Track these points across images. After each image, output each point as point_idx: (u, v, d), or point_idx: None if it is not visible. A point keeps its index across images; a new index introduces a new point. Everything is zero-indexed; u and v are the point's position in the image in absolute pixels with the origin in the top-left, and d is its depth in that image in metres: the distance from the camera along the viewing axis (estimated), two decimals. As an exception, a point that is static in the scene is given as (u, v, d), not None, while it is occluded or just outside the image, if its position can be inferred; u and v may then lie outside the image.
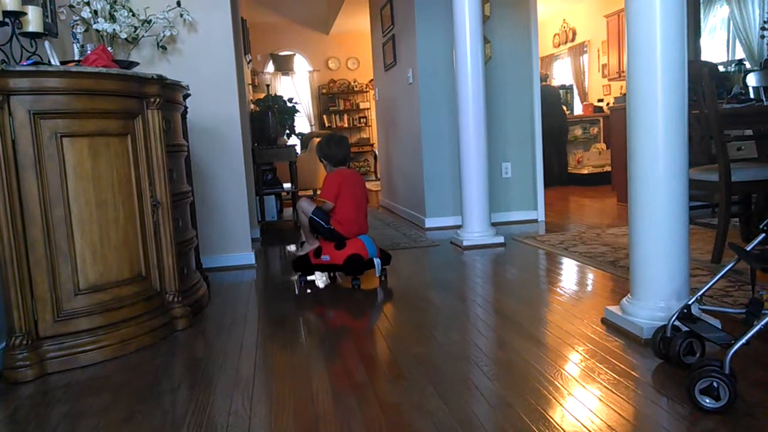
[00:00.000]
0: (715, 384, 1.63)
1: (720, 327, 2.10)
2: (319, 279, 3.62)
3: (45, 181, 2.26)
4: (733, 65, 6.01)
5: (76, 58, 3.04)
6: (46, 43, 2.78)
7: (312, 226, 3.40)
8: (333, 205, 3.37)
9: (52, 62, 2.74)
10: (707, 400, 1.65)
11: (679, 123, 2.18)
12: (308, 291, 3.40)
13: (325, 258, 3.35)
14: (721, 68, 5.94)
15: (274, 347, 2.45)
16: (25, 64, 2.35)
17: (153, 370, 2.24)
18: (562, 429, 1.61)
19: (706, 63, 3.27)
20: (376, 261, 3.34)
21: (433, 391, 1.90)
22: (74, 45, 3.12)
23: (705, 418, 1.63)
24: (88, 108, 2.35)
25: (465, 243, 4.24)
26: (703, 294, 2.03)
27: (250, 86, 7.61)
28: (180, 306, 2.72)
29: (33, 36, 2.64)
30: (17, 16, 2.49)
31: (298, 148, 7.09)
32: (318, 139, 5.43)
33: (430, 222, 5.23)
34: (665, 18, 2.12)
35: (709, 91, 3.13)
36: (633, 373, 1.96)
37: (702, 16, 6.63)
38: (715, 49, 6.78)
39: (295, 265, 3.48)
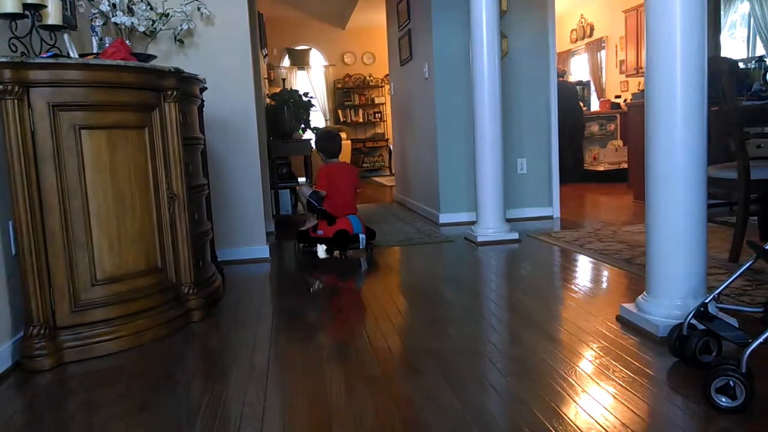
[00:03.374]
0: (731, 383, 1.61)
1: (737, 326, 2.08)
2: (320, 250, 4.36)
3: (63, 172, 2.28)
4: (753, 62, 5.93)
5: (95, 51, 3.06)
6: (65, 36, 2.80)
7: (308, 206, 4.27)
8: (326, 192, 4.21)
9: (71, 55, 2.77)
10: (723, 399, 1.63)
11: (698, 120, 2.15)
12: (308, 255, 4.25)
13: (320, 232, 4.19)
14: (741, 65, 5.87)
15: (288, 339, 2.46)
16: (44, 56, 2.38)
17: (168, 361, 2.26)
18: (576, 426, 1.61)
19: (726, 59, 3.24)
20: (361, 236, 4.13)
21: (446, 386, 1.90)
22: (93, 38, 3.14)
23: (720, 417, 1.61)
24: (107, 100, 2.37)
25: (479, 239, 4.23)
26: (720, 292, 2.01)
27: (266, 80, 7.63)
28: (195, 298, 2.74)
29: (52, 29, 2.66)
30: (37, 8, 2.51)
31: (313, 143, 7.10)
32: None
33: (444, 218, 5.22)
34: (685, 13, 2.10)
35: (728, 88, 3.09)
36: (648, 371, 1.95)
37: (722, 12, 6.55)
38: (735, 45, 6.70)
39: (298, 237, 4.36)
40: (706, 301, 1.98)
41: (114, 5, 3.24)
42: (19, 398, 2.00)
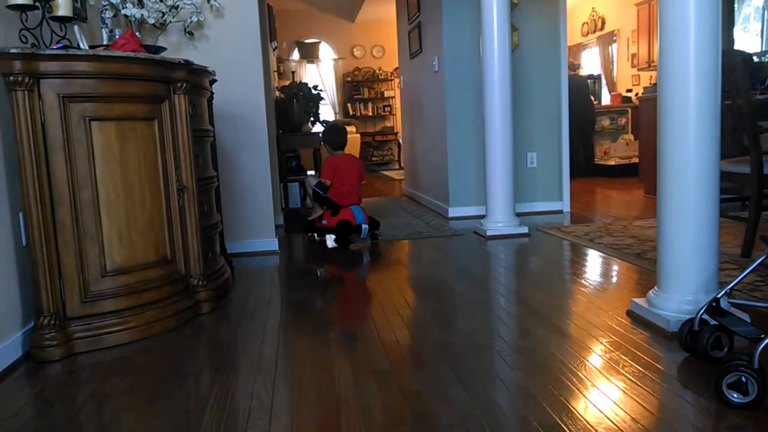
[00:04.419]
0: (743, 378, 1.60)
1: (749, 321, 2.06)
2: (329, 240, 4.44)
3: (73, 163, 2.28)
4: (767, 55, 5.88)
5: (105, 42, 3.06)
6: (76, 28, 2.81)
7: (314, 195, 4.43)
8: (330, 183, 4.36)
9: (81, 46, 2.77)
10: (735, 395, 1.62)
11: (711, 113, 2.13)
12: (314, 245, 4.40)
13: (324, 222, 4.35)
14: (754, 58, 5.81)
15: (297, 332, 2.46)
16: (54, 47, 2.37)
17: (177, 353, 2.27)
18: (585, 420, 1.60)
19: (740, 52, 3.20)
20: (364, 227, 4.26)
21: (455, 379, 1.90)
22: (103, 30, 3.14)
23: (732, 413, 1.60)
24: (116, 92, 2.37)
25: (488, 233, 4.22)
26: (732, 287, 1.99)
27: (276, 73, 7.61)
28: (204, 290, 2.74)
29: (62, 20, 2.66)
30: (47, 0, 2.52)
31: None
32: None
33: (453, 211, 5.21)
34: (699, 5, 2.07)
35: (742, 82, 3.06)
36: (658, 366, 1.94)
37: (736, 5, 6.49)
38: (748, 39, 6.63)
39: (305, 226, 4.58)
40: (718, 296, 1.96)
41: (124, -3, 3.24)
42: (29, 388, 2.01)
